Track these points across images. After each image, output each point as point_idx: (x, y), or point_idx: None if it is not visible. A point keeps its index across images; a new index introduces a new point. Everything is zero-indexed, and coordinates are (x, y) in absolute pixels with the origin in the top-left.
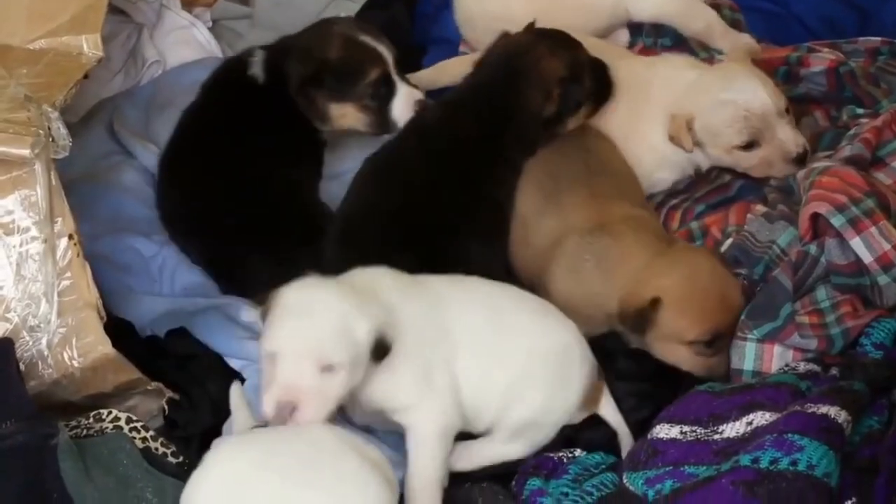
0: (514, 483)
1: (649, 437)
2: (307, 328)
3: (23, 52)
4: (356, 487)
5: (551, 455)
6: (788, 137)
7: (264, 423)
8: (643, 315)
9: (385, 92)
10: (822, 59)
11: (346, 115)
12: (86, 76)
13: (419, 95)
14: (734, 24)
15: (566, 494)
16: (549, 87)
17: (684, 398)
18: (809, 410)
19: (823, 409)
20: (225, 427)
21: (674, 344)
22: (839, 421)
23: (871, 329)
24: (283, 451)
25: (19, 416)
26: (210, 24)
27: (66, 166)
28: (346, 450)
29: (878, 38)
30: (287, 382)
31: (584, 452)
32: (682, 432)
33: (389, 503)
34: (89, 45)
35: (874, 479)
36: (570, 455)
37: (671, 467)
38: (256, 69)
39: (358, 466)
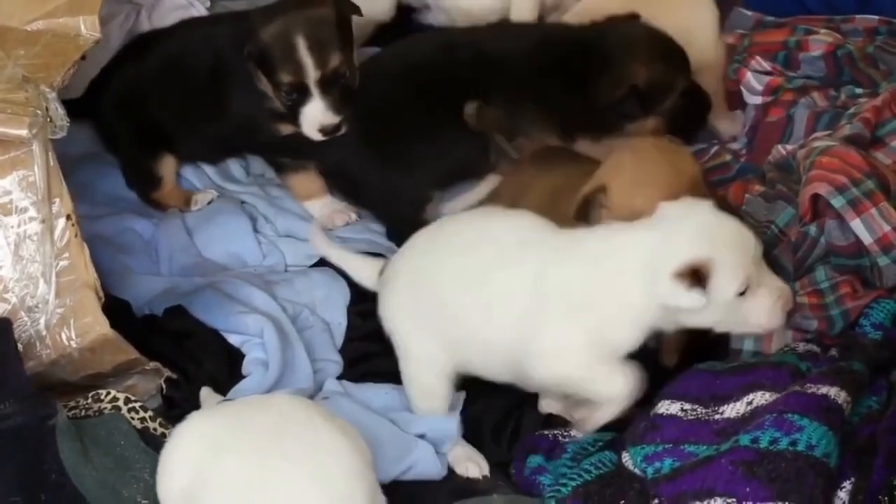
0: (512, 466)
1: (651, 412)
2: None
3: (21, 33)
4: (329, 455)
5: (546, 433)
6: None
7: None
8: (588, 202)
9: (297, 98)
10: (820, 42)
11: (269, 90)
12: (83, 57)
13: (329, 120)
14: (733, 1)
15: (564, 474)
16: (617, 84)
17: (685, 375)
18: (809, 391)
19: (823, 389)
20: None
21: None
22: (839, 401)
23: (870, 310)
24: (252, 422)
25: (17, 396)
26: (208, 4)
27: (65, 147)
28: (315, 418)
29: (876, 18)
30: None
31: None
32: (682, 409)
33: (362, 470)
34: (87, 27)
35: (873, 458)
36: (565, 433)
37: (671, 445)
38: None
39: (327, 435)
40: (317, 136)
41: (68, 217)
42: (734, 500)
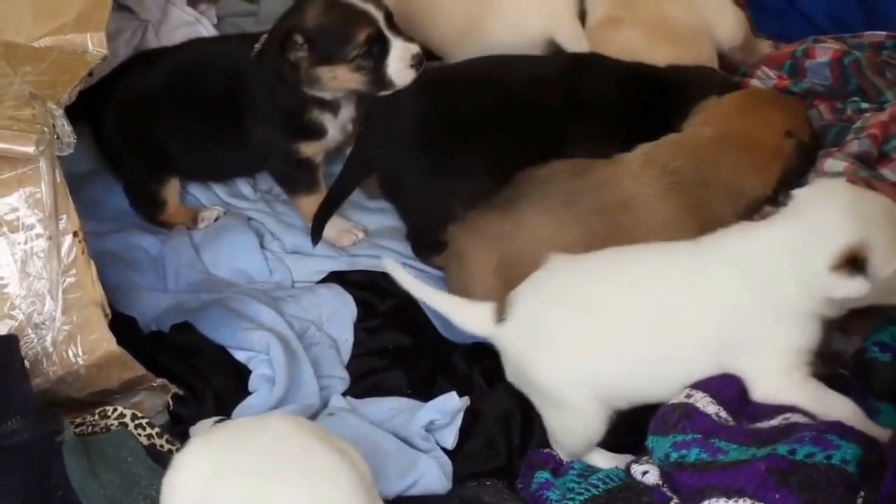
0: (518, 481)
1: (686, 401)
2: None
3: (28, 49)
4: (325, 475)
5: (554, 453)
6: None
7: None
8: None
9: (378, 50)
10: (827, 49)
11: (338, 76)
12: (90, 74)
13: (415, 49)
14: None
15: (571, 489)
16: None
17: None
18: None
19: None
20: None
21: None
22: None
23: (876, 333)
24: (250, 446)
25: (24, 413)
26: (215, 20)
27: (72, 163)
28: (312, 440)
29: (883, 33)
30: None
31: None
32: (717, 415)
33: (358, 489)
34: (94, 44)
35: (882, 472)
36: None
37: (701, 437)
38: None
39: (325, 457)
40: (408, 76)
41: (75, 234)
42: None
